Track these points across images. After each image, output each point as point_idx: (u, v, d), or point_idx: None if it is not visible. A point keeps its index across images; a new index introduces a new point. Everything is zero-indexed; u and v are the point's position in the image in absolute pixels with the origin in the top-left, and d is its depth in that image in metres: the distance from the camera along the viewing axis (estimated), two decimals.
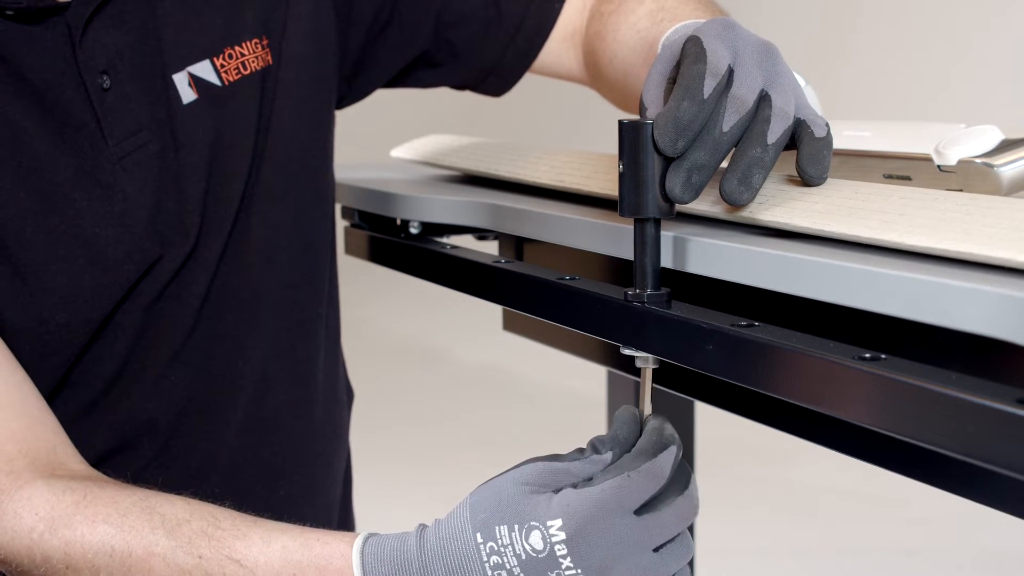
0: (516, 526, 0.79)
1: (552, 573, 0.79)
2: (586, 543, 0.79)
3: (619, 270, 0.98)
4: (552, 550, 0.79)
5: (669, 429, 0.83)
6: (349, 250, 1.30)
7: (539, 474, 0.82)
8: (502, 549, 0.79)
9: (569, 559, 0.79)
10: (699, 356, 0.77)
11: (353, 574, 0.82)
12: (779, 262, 0.76)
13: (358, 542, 0.83)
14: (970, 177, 0.89)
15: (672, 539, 0.81)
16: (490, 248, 1.24)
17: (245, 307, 1.08)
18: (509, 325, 1.33)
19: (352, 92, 1.21)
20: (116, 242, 1.00)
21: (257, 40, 1.07)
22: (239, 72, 1.05)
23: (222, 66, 1.05)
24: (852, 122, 1.04)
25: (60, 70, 0.97)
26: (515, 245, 1.18)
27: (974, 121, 0.94)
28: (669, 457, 0.81)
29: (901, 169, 0.94)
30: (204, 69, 1.04)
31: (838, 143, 1.02)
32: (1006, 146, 0.88)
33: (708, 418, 1.83)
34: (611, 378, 1.60)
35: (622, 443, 0.83)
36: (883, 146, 0.97)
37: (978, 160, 0.88)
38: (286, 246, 1.11)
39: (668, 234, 0.84)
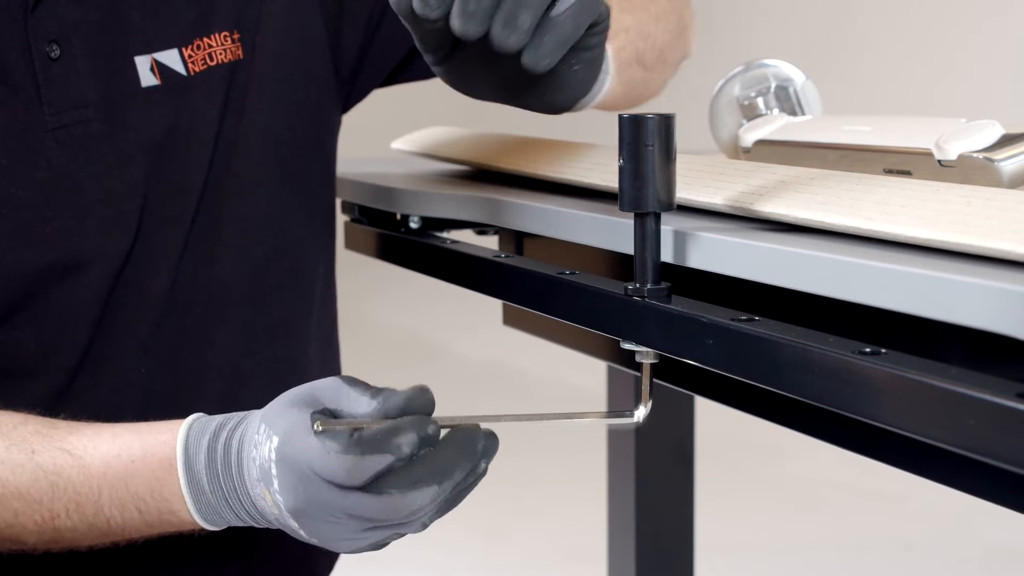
0: (264, 427, 0.83)
1: (271, 487, 0.83)
2: (286, 478, 0.82)
3: (619, 264, 0.98)
4: (270, 466, 0.83)
5: (451, 447, 0.84)
6: (349, 245, 1.30)
7: (316, 391, 0.84)
8: (258, 444, 0.84)
9: (276, 482, 0.83)
10: (699, 351, 0.77)
11: (176, 445, 0.87)
12: (779, 257, 0.76)
13: (188, 419, 0.89)
14: (971, 172, 0.88)
15: (388, 525, 0.83)
16: (490, 243, 1.24)
17: (214, 301, 1.08)
18: (509, 320, 1.33)
19: (354, 92, 1.20)
20: (35, 207, 0.99)
21: (227, 33, 1.07)
22: (206, 63, 1.06)
23: (189, 56, 1.05)
24: (852, 117, 1.04)
25: (9, 32, 0.99)
26: (515, 239, 1.18)
27: (975, 115, 0.94)
28: (376, 464, 0.80)
29: (901, 164, 0.94)
30: (171, 58, 1.04)
31: (838, 138, 1.02)
32: (1007, 140, 0.88)
33: (708, 413, 1.83)
34: (611, 373, 1.60)
35: (399, 410, 0.83)
36: (883, 141, 0.97)
37: (979, 155, 0.88)
38: (260, 242, 1.10)
39: (668, 228, 0.84)
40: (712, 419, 2.28)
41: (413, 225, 1.18)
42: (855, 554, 2.81)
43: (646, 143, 0.78)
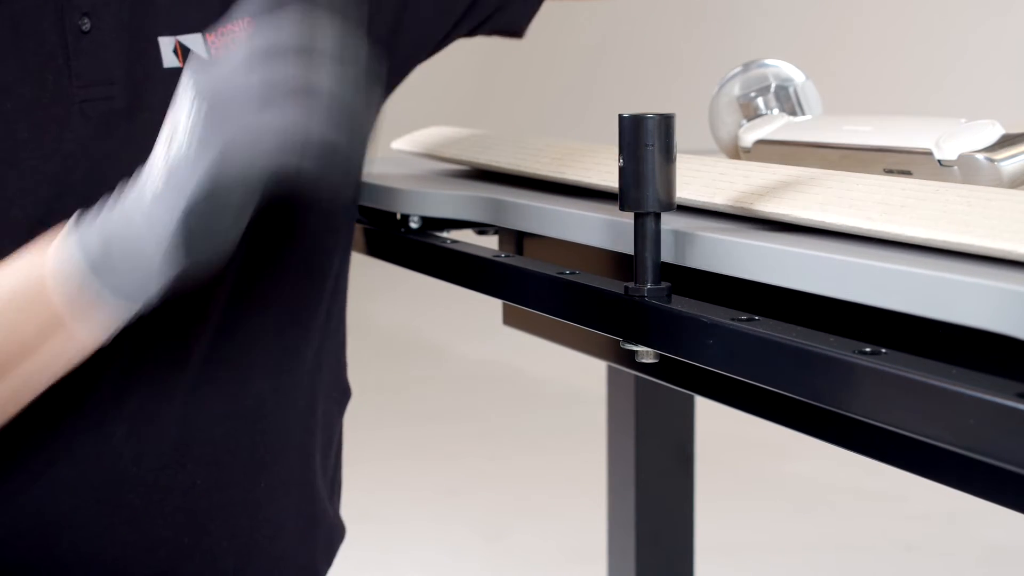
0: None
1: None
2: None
3: (619, 264, 0.98)
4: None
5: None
6: None
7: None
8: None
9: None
10: (699, 350, 0.77)
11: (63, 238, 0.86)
12: (780, 256, 0.76)
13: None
14: (970, 172, 0.89)
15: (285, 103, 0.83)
16: (490, 243, 1.24)
17: (222, 288, 1.07)
18: (509, 320, 1.33)
19: (394, 75, 1.18)
20: (56, 183, 0.99)
21: (251, 19, 1.07)
22: (228, 49, 1.06)
23: (212, 42, 1.05)
24: (852, 117, 1.04)
25: (43, 0, 0.99)
26: (515, 239, 1.18)
27: (975, 115, 0.94)
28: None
29: (901, 163, 0.94)
30: (195, 42, 1.04)
31: (838, 138, 1.02)
32: (1007, 141, 0.88)
33: (708, 413, 1.83)
34: (611, 373, 1.60)
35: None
36: (883, 141, 0.97)
37: (979, 155, 0.88)
38: (275, 231, 1.09)
39: (668, 228, 0.84)
40: (712, 419, 2.28)
41: (413, 225, 1.18)
42: (855, 554, 2.81)
43: (646, 143, 0.78)
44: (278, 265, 1.10)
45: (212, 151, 0.82)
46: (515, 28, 1.21)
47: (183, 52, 1.04)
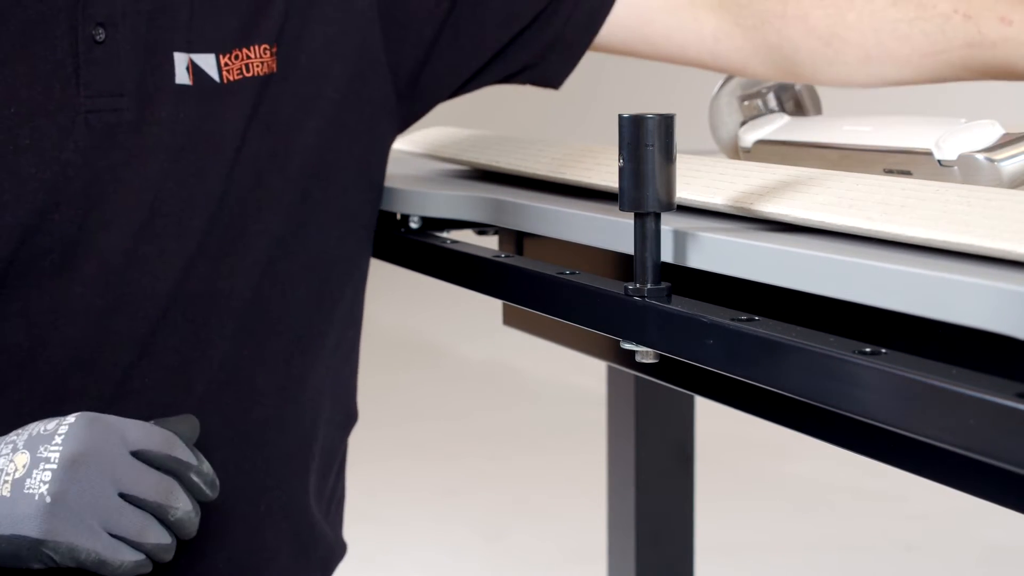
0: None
1: (43, 445, 0.89)
2: (77, 434, 0.89)
3: (619, 264, 0.98)
4: (57, 427, 0.90)
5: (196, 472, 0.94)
6: None
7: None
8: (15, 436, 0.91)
9: (61, 438, 0.89)
10: (699, 350, 0.77)
11: None
12: (780, 257, 0.76)
13: None
14: (970, 172, 0.89)
15: (143, 505, 0.90)
16: (490, 243, 1.24)
17: (229, 314, 1.05)
18: (509, 320, 1.33)
19: (415, 110, 1.18)
20: (51, 191, 0.99)
21: (267, 46, 1.06)
22: (241, 73, 1.05)
23: (225, 65, 1.04)
24: (852, 117, 1.05)
25: (58, 7, 0.99)
26: (515, 239, 1.18)
27: (975, 115, 0.94)
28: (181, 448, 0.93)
29: (902, 164, 0.94)
30: (207, 62, 1.04)
31: (838, 138, 1.02)
32: (1007, 140, 0.89)
33: (708, 413, 1.83)
34: (611, 373, 1.60)
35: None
36: (883, 141, 0.97)
37: (979, 155, 0.88)
38: (287, 259, 1.08)
39: (668, 228, 0.84)
40: (712, 419, 2.29)
41: (413, 225, 1.18)
42: (855, 554, 2.81)
43: (646, 143, 0.78)
44: (288, 295, 1.10)
45: (51, 522, 0.87)
46: (551, 82, 1.20)
47: (194, 71, 1.03)
